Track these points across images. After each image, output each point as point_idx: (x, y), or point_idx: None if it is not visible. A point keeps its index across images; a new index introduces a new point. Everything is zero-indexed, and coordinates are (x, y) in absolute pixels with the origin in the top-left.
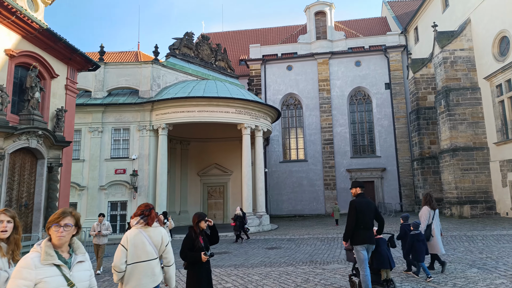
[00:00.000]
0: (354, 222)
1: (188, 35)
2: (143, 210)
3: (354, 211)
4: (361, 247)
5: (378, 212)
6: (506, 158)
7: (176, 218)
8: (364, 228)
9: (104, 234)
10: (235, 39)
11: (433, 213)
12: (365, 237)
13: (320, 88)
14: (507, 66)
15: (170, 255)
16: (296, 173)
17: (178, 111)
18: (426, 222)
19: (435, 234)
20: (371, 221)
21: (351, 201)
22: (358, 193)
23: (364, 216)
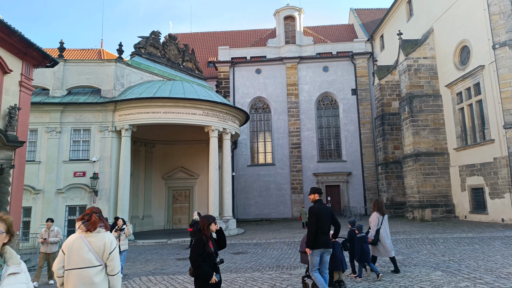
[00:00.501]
0: (315, 227)
1: (154, 34)
2: (84, 214)
3: (314, 217)
4: (317, 251)
5: (334, 217)
6: (465, 164)
7: (140, 223)
8: (322, 233)
9: (53, 242)
10: (203, 41)
11: (381, 219)
12: (322, 241)
13: (288, 93)
14: (467, 75)
15: (114, 263)
16: (264, 177)
17: (143, 112)
18: (375, 228)
19: (383, 239)
20: (328, 226)
21: (311, 207)
22: (316, 199)
23: (322, 221)
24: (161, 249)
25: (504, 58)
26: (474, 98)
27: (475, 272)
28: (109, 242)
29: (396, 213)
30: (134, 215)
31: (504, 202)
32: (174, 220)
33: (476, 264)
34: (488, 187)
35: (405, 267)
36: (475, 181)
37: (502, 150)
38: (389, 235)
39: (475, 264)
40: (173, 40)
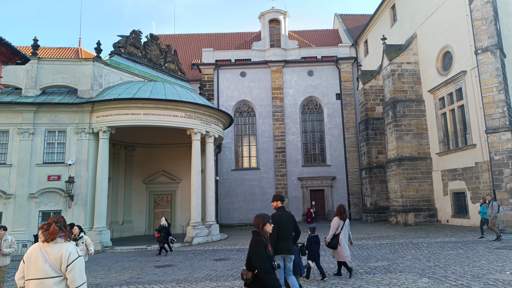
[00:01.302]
0: (276, 235)
1: (135, 33)
2: (44, 223)
3: (275, 224)
4: (278, 257)
5: (296, 224)
6: (447, 168)
7: (119, 229)
8: (283, 239)
9: (6, 253)
10: (187, 43)
11: (342, 224)
12: (283, 248)
13: (273, 96)
14: (449, 80)
15: (73, 276)
16: (248, 181)
17: (122, 113)
18: (333, 232)
19: (342, 243)
20: (290, 233)
21: (272, 215)
22: (279, 206)
23: (283, 228)
24: (140, 256)
25: (486, 64)
26: (456, 103)
27: (462, 278)
28: (67, 254)
29: (380, 217)
30: (113, 221)
31: None
32: (155, 225)
33: (462, 270)
34: (470, 191)
35: (390, 273)
36: (457, 186)
37: (483, 155)
38: (347, 240)
39: (461, 270)
40: (155, 40)
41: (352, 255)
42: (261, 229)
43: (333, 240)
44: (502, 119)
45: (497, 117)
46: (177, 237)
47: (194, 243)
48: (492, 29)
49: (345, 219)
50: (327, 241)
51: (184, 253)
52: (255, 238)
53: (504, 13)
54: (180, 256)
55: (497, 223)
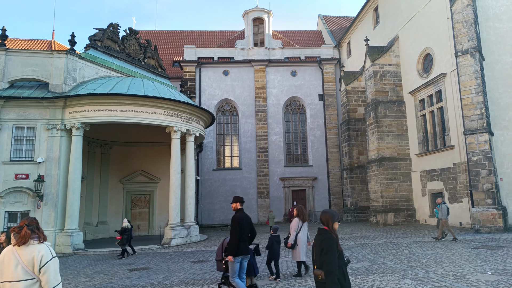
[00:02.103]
0: (238, 235)
1: (113, 26)
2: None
3: (237, 225)
4: (237, 258)
5: (252, 225)
6: (426, 169)
7: (93, 230)
8: (242, 240)
9: None
10: (169, 40)
11: (301, 224)
12: (242, 249)
13: (256, 96)
14: (430, 82)
15: (47, 278)
16: (230, 181)
17: (97, 109)
18: (295, 232)
19: (300, 244)
20: (248, 234)
21: (233, 217)
22: (238, 208)
23: (243, 230)
24: (114, 259)
25: (465, 66)
26: (436, 105)
27: (444, 279)
28: (39, 256)
29: (360, 217)
30: (87, 222)
31: (462, 207)
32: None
33: (443, 270)
34: (447, 191)
35: (372, 274)
36: (435, 186)
37: (461, 156)
38: (305, 241)
39: (443, 270)
40: (134, 35)
41: None
42: (331, 227)
43: (294, 241)
44: (480, 120)
45: (475, 119)
46: (155, 239)
47: (172, 244)
48: (472, 32)
49: (305, 221)
50: (290, 243)
51: (161, 255)
52: (327, 236)
53: (484, 16)
54: (156, 258)
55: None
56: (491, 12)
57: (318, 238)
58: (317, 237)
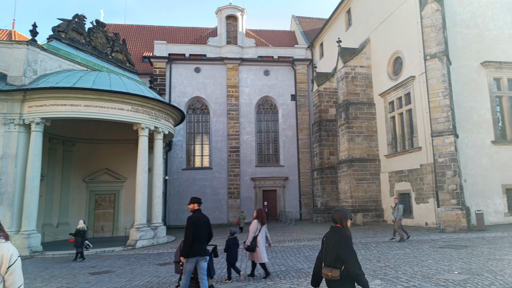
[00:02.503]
0: (192, 237)
1: (78, 17)
2: None
3: (192, 226)
4: (192, 259)
5: (210, 226)
6: (394, 170)
7: (53, 231)
8: (198, 241)
9: None
10: (138, 35)
11: (260, 227)
12: (198, 250)
13: (228, 94)
14: (399, 85)
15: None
16: (200, 181)
17: (59, 104)
18: (253, 234)
19: (260, 246)
20: (205, 235)
21: (189, 217)
22: (196, 209)
23: (199, 231)
24: (74, 262)
25: (434, 69)
26: (405, 107)
27: (413, 279)
28: (8, 255)
29: (330, 218)
30: (46, 223)
31: (428, 207)
32: (95, 227)
33: (412, 270)
34: (414, 192)
35: None
36: (403, 187)
37: (428, 157)
38: (265, 243)
39: (411, 270)
40: (101, 27)
41: (303, 256)
42: (345, 224)
43: (252, 243)
44: (446, 123)
45: (442, 121)
46: (120, 240)
47: (138, 246)
48: (440, 37)
49: (264, 223)
50: (247, 244)
51: (125, 257)
52: (343, 234)
53: (451, 22)
54: (120, 261)
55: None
56: (458, 18)
57: (332, 236)
58: (330, 235)
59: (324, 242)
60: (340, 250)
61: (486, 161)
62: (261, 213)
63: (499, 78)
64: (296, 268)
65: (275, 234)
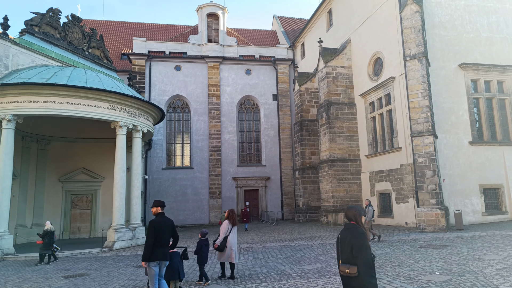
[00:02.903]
0: (153, 241)
1: (53, 11)
2: None
3: (153, 230)
4: (154, 263)
5: (174, 229)
6: (375, 170)
7: (27, 233)
8: (160, 245)
9: None
10: (117, 31)
11: (231, 228)
12: (159, 254)
13: (210, 93)
14: (379, 85)
15: None
16: (180, 181)
17: (32, 100)
18: (224, 235)
19: (229, 245)
20: (167, 239)
21: (151, 221)
22: (158, 212)
23: (161, 234)
24: (48, 264)
25: (413, 70)
26: (385, 107)
27: (395, 281)
28: None
29: (311, 217)
30: (20, 224)
31: (408, 207)
32: (72, 228)
33: (394, 271)
34: (394, 192)
35: (325, 277)
36: (383, 187)
37: (407, 158)
38: (236, 243)
39: (393, 271)
40: (77, 22)
41: (284, 257)
42: (360, 221)
43: (222, 243)
44: (426, 123)
45: (421, 122)
46: (97, 242)
47: (116, 247)
48: (419, 38)
49: (235, 224)
50: (217, 244)
51: (102, 259)
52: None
53: (430, 24)
54: (96, 263)
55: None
56: (437, 20)
57: (346, 233)
58: (345, 232)
59: (339, 240)
60: (354, 246)
61: (464, 161)
62: (233, 213)
63: (476, 80)
64: (277, 269)
65: (257, 234)
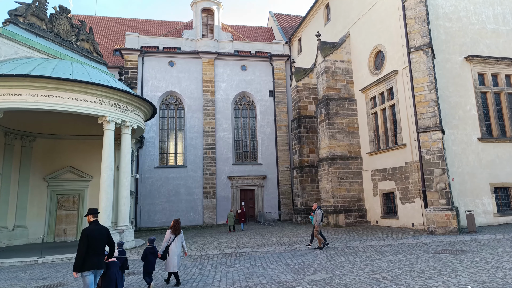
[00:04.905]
0: (85, 250)
1: (39, 2)
2: None
3: (85, 239)
4: (88, 272)
5: (110, 237)
6: (377, 168)
7: (8, 235)
8: (93, 254)
9: None
10: (110, 27)
11: (174, 237)
12: (93, 262)
13: (204, 89)
14: (381, 79)
15: None
16: (173, 180)
17: (12, 93)
18: (165, 244)
19: (171, 255)
20: (101, 247)
21: (83, 230)
22: (92, 220)
23: (95, 243)
24: (25, 271)
25: (418, 62)
26: (387, 102)
27: None
28: None
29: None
30: (0, 226)
31: (414, 207)
32: (57, 230)
33: (415, 283)
34: (399, 191)
35: None
36: (386, 186)
37: (413, 155)
38: (179, 252)
39: (414, 283)
40: (65, 13)
41: (285, 264)
42: None
43: (164, 252)
44: (433, 118)
45: (428, 116)
46: None
47: None
48: (424, 29)
49: (178, 234)
50: (160, 253)
51: None
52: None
53: (434, 15)
54: None
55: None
56: (441, 11)
57: None
58: None
59: None
60: None
61: (473, 158)
62: (176, 223)
63: (483, 73)
64: (278, 280)
65: (253, 237)
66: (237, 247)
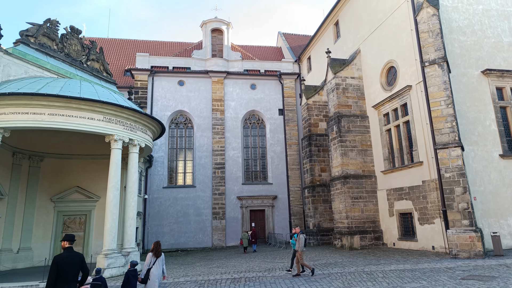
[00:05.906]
0: (55, 278)
1: (51, 22)
2: None
3: (55, 266)
4: None
5: (83, 263)
6: (393, 187)
7: (13, 258)
8: (63, 281)
9: None
10: (121, 48)
11: (154, 260)
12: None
13: (213, 108)
14: (394, 95)
15: None
16: (182, 201)
17: (20, 112)
18: (147, 267)
19: (152, 278)
20: (73, 275)
21: (55, 257)
22: (66, 247)
23: (66, 270)
24: None
25: (433, 77)
26: (402, 119)
27: None
28: None
29: (323, 240)
30: (5, 248)
31: (434, 228)
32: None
33: None
34: (417, 212)
35: None
36: (403, 206)
37: (431, 173)
38: (160, 276)
39: None
40: (76, 34)
41: None
42: None
43: (145, 276)
44: (451, 134)
45: (446, 132)
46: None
47: (106, 276)
48: (439, 42)
49: (159, 256)
50: (141, 277)
51: None
52: None
53: (447, 29)
54: None
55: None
56: (454, 25)
57: None
58: None
59: None
60: None
61: (496, 176)
62: (157, 245)
63: (501, 88)
64: None
65: (264, 260)
66: (246, 271)
